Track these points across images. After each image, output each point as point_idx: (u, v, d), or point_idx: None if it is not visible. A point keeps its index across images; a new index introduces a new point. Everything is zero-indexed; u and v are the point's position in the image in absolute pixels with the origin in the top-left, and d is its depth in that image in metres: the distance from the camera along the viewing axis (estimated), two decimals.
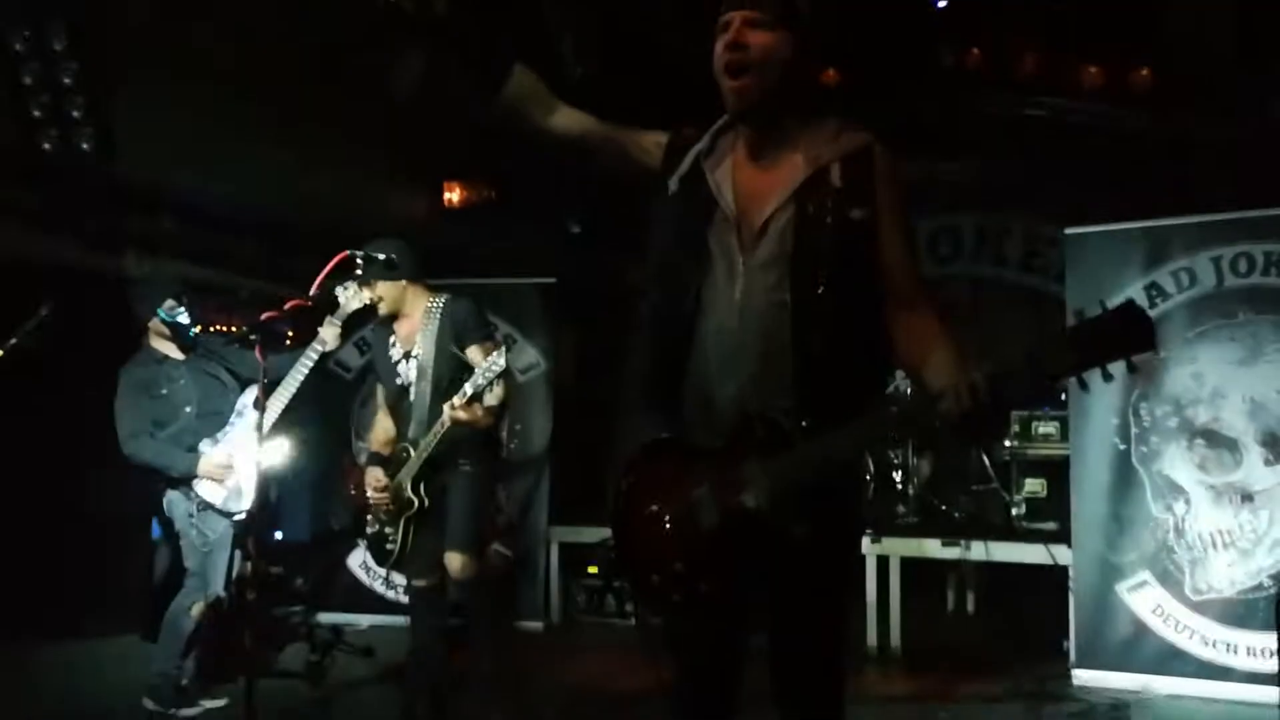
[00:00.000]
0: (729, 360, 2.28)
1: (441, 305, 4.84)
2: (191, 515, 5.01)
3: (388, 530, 4.75)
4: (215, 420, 5.14)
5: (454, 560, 4.61)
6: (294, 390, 4.96)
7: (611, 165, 2.62)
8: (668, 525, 2.31)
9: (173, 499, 5.05)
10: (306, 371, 4.98)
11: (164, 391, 5.09)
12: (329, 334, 5.04)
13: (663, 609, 2.36)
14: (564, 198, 8.78)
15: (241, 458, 5.00)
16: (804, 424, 2.18)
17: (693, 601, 2.25)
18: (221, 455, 5.03)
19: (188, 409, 5.10)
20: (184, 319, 5.11)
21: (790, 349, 2.21)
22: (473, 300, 4.97)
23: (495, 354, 4.46)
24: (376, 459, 4.87)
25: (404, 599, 7.38)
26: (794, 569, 2.24)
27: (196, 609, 4.99)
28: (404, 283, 4.85)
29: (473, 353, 4.71)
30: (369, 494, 4.78)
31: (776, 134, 2.35)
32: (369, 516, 4.84)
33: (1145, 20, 6.59)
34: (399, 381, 4.82)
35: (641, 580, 2.36)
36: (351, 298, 4.94)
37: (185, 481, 4.98)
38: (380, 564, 5.01)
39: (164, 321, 5.09)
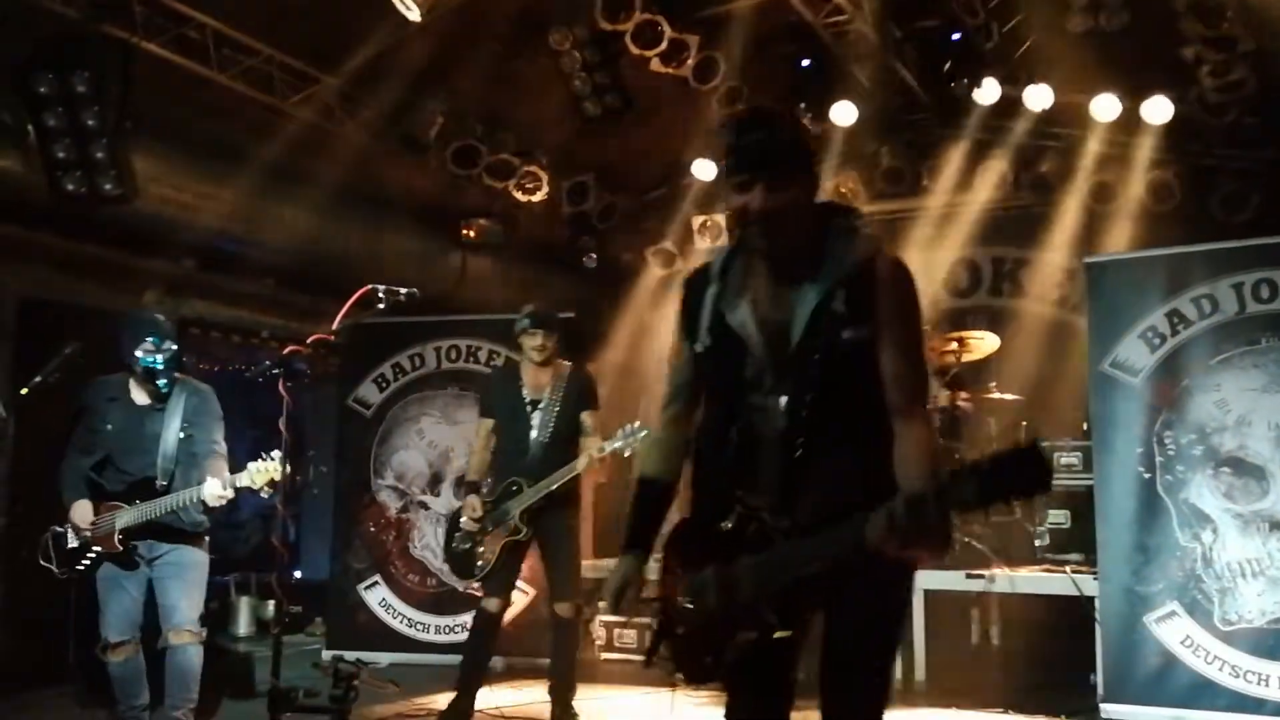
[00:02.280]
0: (755, 470, 2.54)
1: (568, 372, 5.58)
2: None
3: (480, 549, 5.44)
4: (112, 476, 4.79)
5: (565, 608, 5.45)
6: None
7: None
8: (685, 597, 2.60)
9: None
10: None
11: (94, 425, 4.84)
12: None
13: (682, 674, 2.64)
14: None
15: (104, 524, 4.70)
16: (788, 528, 2.43)
17: (691, 672, 2.60)
18: (85, 519, 4.73)
19: (98, 454, 4.80)
20: (159, 364, 4.74)
21: (792, 463, 2.47)
22: (591, 374, 5.83)
23: (638, 426, 5.31)
24: (473, 488, 5.57)
25: (424, 637, 7.48)
26: (836, 626, 2.52)
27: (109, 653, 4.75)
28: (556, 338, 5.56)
29: (586, 417, 5.54)
30: (463, 518, 5.49)
31: (789, 262, 2.53)
32: (456, 535, 5.55)
33: (1162, 48, 6.61)
34: (523, 425, 5.48)
35: (670, 640, 2.66)
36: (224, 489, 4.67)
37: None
38: (464, 576, 5.69)
39: (142, 366, 4.74)
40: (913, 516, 2.19)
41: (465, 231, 8.21)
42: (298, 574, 9.66)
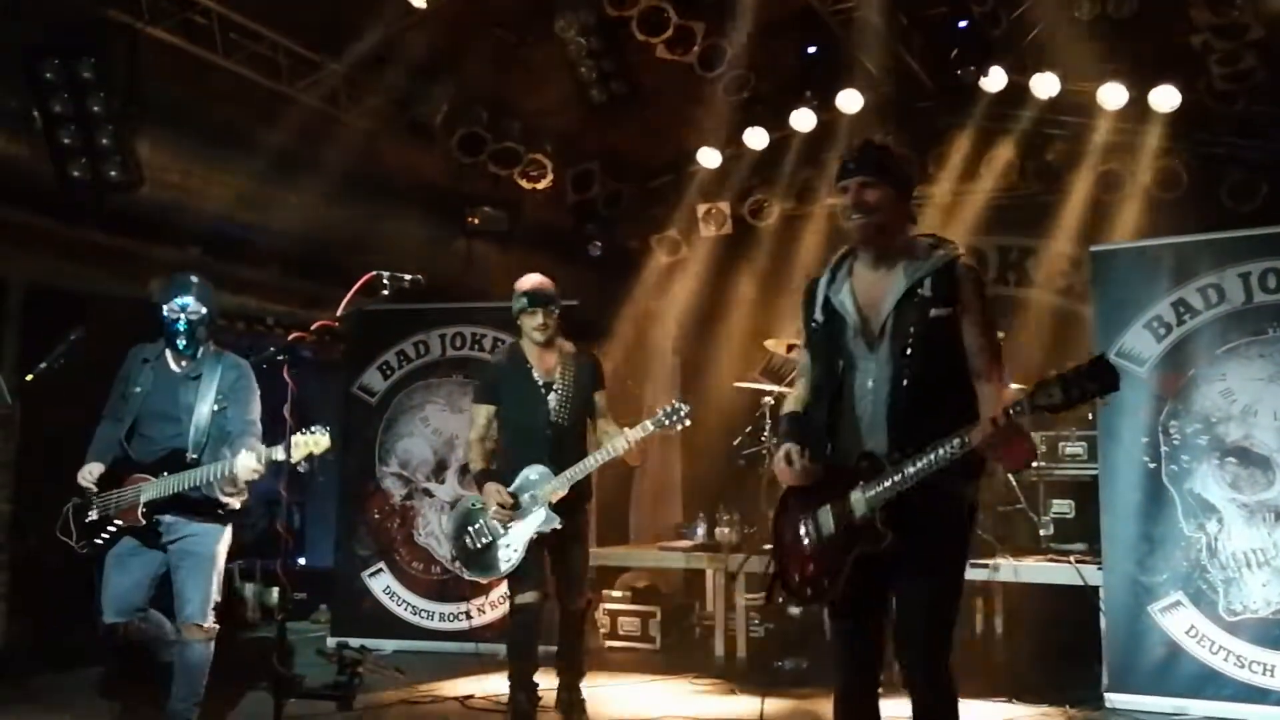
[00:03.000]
0: (858, 423, 3.23)
1: (575, 352, 5.37)
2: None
3: (504, 543, 5.11)
4: (140, 446, 4.72)
5: (579, 601, 5.31)
6: None
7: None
8: (802, 536, 3.29)
9: None
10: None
11: (125, 389, 4.76)
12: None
13: (800, 600, 3.44)
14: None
15: (128, 495, 4.62)
16: (896, 460, 3.09)
17: (819, 592, 3.26)
18: (88, 477, 4.65)
19: (127, 420, 4.72)
20: (180, 324, 4.70)
21: (893, 412, 3.14)
22: (596, 354, 5.62)
23: (682, 403, 5.18)
24: (491, 476, 5.18)
25: (428, 625, 7.49)
26: (911, 550, 3.11)
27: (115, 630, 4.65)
28: (557, 316, 5.31)
29: (598, 398, 5.36)
30: (492, 511, 5.09)
31: (885, 255, 3.28)
32: (471, 529, 5.20)
33: (1170, 36, 6.57)
34: (539, 409, 5.20)
35: (786, 578, 3.36)
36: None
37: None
38: (485, 575, 5.32)
39: (163, 319, 4.71)
40: (1013, 417, 2.89)
41: (470, 219, 8.19)
42: (302, 561, 9.68)
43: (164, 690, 4.71)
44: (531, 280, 5.29)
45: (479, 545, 5.18)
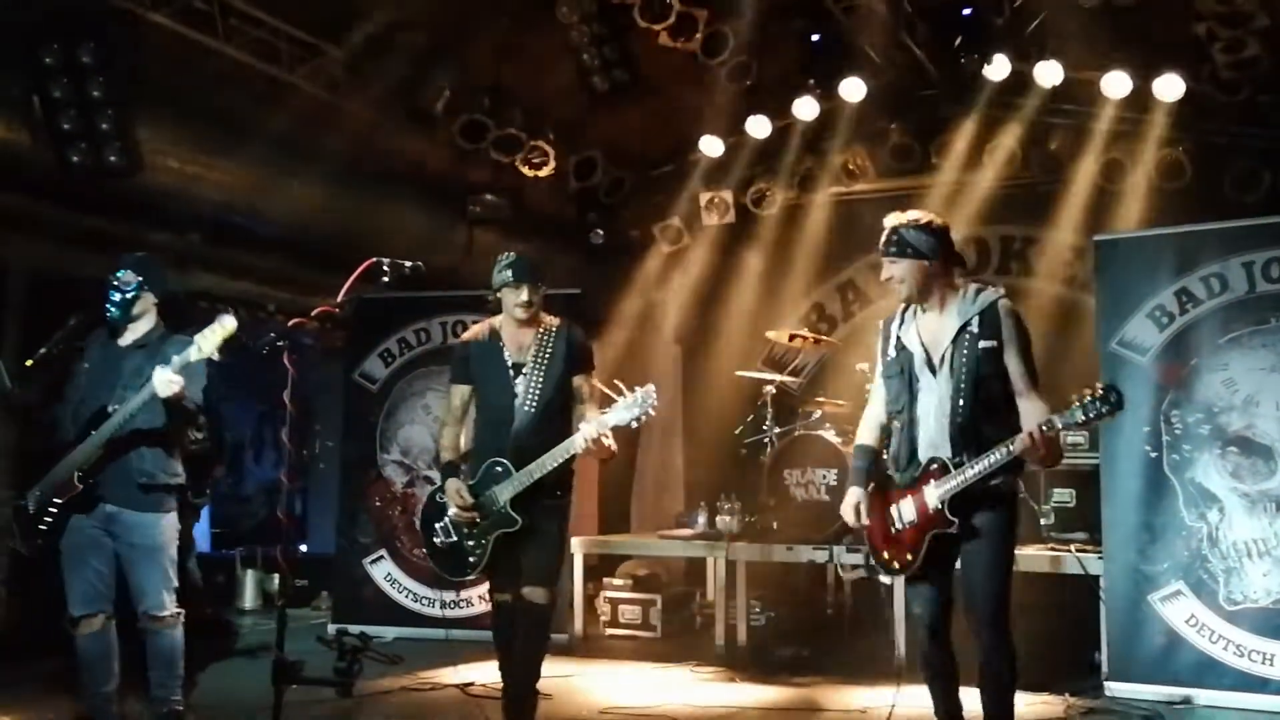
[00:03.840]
0: (925, 434, 4.01)
1: (554, 328, 4.84)
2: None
3: (469, 543, 4.74)
4: (78, 417, 4.57)
5: (538, 594, 4.68)
6: None
7: None
8: (888, 523, 4.09)
9: None
10: None
11: (76, 369, 4.66)
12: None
13: (888, 571, 4.16)
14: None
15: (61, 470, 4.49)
16: (959, 463, 3.90)
17: (903, 565, 4.05)
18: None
19: (73, 399, 4.62)
20: (115, 294, 4.59)
21: (954, 425, 3.93)
22: (581, 330, 4.99)
23: (648, 390, 4.53)
24: (453, 469, 4.80)
25: (429, 612, 7.49)
26: (972, 529, 3.92)
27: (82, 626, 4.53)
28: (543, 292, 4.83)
29: (579, 381, 4.82)
30: (452, 510, 4.73)
31: (936, 303, 4.04)
32: (437, 526, 4.82)
33: (1175, 25, 6.55)
34: (506, 393, 4.76)
35: (876, 554, 4.16)
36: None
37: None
38: (454, 574, 4.93)
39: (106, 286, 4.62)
40: (1045, 432, 3.71)
41: (472, 206, 8.18)
42: (304, 548, 9.68)
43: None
44: (516, 252, 4.83)
45: (445, 544, 4.83)
